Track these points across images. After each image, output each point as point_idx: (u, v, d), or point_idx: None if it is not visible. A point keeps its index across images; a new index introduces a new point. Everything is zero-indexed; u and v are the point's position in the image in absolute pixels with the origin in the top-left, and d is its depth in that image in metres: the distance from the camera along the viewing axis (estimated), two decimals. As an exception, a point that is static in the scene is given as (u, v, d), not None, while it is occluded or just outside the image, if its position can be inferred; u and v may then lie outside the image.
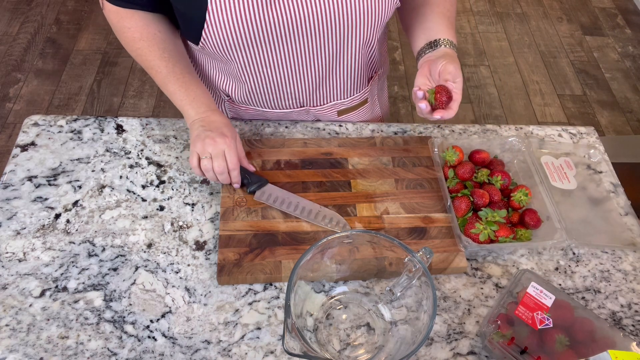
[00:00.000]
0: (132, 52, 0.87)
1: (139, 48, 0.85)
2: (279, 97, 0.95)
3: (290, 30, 0.79)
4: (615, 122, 2.32)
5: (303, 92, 0.94)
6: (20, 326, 0.73)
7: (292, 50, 0.83)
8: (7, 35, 2.43)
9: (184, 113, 0.87)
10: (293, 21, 0.78)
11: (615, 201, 0.95)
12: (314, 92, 0.94)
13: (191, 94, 0.85)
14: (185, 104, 0.85)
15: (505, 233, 0.82)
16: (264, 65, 0.86)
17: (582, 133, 1.06)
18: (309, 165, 0.92)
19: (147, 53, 0.85)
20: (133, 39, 0.85)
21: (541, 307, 0.73)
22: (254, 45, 0.81)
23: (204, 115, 0.85)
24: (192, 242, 0.83)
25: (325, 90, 0.95)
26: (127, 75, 2.32)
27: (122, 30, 0.85)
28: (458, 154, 0.91)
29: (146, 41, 0.84)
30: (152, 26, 0.85)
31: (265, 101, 0.96)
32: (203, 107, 0.85)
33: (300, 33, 0.80)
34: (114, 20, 0.85)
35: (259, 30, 0.78)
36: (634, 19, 2.81)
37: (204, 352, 0.72)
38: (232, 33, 0.77)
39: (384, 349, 0.73)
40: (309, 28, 0.79)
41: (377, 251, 0.78)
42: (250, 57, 0.83)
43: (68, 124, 0.97)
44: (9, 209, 0.85)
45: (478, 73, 2.47)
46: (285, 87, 0.91)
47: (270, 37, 0.80)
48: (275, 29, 0.78)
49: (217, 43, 0.79)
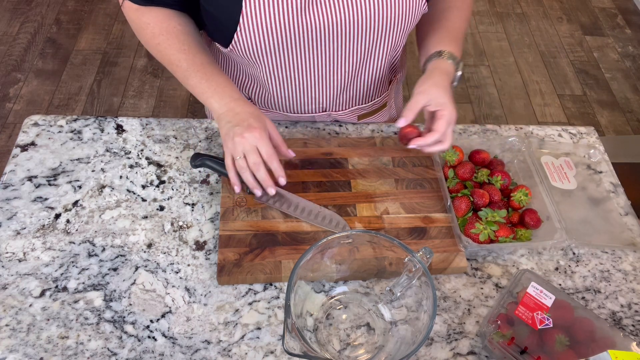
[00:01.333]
0: (152, 49, 0.85)
1: (158, 43, 0.83)
2: (302, 102, 0.94)
3: (321, 37, 0.79)
4: (615, 122, 2.32)
5: (327, 97, 0.93)
6: (20, 326, 0.73)
7: (321, 56, 0.83)
8: (7, 35, 2.43)
9: (210, 107, 0.83)
10: (324, 27, 0.78)
11: (615, 201, 0.95)
12: (338, 96, 0.94)
13: (213, 84, 0.82)
14: (209, 96, 0.82)
15: (505, 233, 0.82)
16: (291, 70, 0.85)
17: (582, 133, 1.06)
18: (309, 165, 0.92)
19: (167, 47, 0.83)
20: (152, 34, 0.83)
21: (541, 307, 0.73)
22: (283, 50, 0.80)
23: (229, 107, 0.81)
24: (192, 242, 0.83)
25: (349, 94, 0.95)
26: (127, 75, 2.32)
27: (141, 27, 0.84)
28: (458, 154, 0.91)
29: (165, 35, 0.82)
30: (172, 20, 0.83)
31: (287, 105, 0.96)
32: (226, 97, 0.81)
33: (330, 39, 0.80)
34: (134, 17, 0.84)
35: (290, 36, 0.77)
36: (634, 19, 2.81)
37: (204, 352, 0.72)
38: (263, 38, 0.77)
39: (384, 349, 0.73)
40: (340, 34, 0.79)
41: (377, 251, 0.78)
42: (278, 62, 0.83)
43: (68, 124, 0.97)
44: (9, 209, 0.85)
45: (478, 73, 2.47)
46: (310, 92, 0.91)
47: (300, 43, 0.79)
48: (306, 35, 0.78)
49: (247, 47, 0.78)
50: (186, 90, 2.26)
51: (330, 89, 0.91)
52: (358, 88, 0.94)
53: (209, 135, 0.98)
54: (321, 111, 0.98)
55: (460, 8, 0.92)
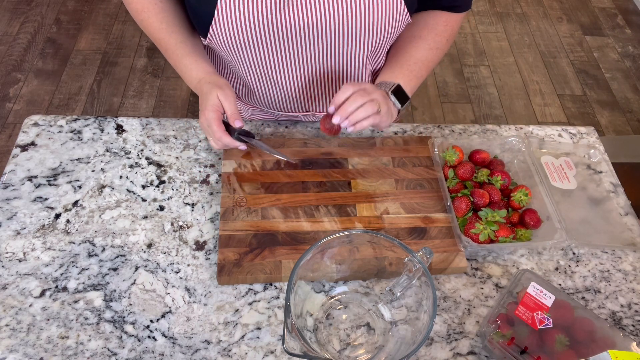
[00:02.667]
0: (139, 25, 0.88)
1: (142, 20, 0.86)
2: (284, 101, 0.95)
3: (298, 37, 0.79)
4: (615, 122, 2.32)
5: (308, 98, 0.93)
6: (20, 326, 0.73)
7: (298, 55, 0.83)
8: (7, 35, 2.43)
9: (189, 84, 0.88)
10: (300, 28, 0.78)
11: (615, 201, 0.95)
12: (319, 98, 0.94)
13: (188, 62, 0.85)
14: (184, 73, 0.86)
15: (505, 233, 0.82)
16: (269, 68, 0.85)
17: (582, 133, 1.06)
18: (309, 165, 0.92)
19: (149, 25, 0.86)
20: (136, 10, 0.86)
21: (541, 307, 0.73)
22: (259, 47, 0.81)
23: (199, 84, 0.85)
24: (192, 242, 0.83)
25: (331, 97, 0.95)
26: (127, 75, 2.32)
27: (129, 1, 0.86)
28: (458, 154, 0.91)
29: (146, 12, 0.85)
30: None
31: (271, 103, 0.96)
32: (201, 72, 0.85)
33: (307, 40, 0.80)
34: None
35: (265, 33, 0.78)
36: (634, 19, 2.81)
37: (204, 352, 0.72)
38: (238, 33, 0.77)
39: (384, 349, 0.73)
40: (316, 35, 0.79)
41: (377, 251, 0.78)
42: (257, 58, 0.83)
43: (68, 124, 0.97)
44: (9, 209, 0.85)
45: (478, 73, 2.47)
46: (290, 91, 0.91)
47: (277, 41, 0.79)
48: (283, 34, 0.78)
49: (222, 41, 0.79)
50: (186, 90, 2.27)
51: (309, 90, 0.91)
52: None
53: (209, 135, 0.98)
54: (304, 111, 0.98)
55: (425, 38, 0.89)
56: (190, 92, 2.28)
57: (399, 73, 0.88)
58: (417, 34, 0.89)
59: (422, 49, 0.89)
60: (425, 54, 0.89)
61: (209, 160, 0.94)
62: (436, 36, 0.89)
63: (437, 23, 0.89)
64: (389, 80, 0.87)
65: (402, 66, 0.88)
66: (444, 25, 0.89)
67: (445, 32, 0.90)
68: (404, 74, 0.88)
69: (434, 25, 0.89)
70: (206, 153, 0.95)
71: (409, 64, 0.88)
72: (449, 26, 0.90)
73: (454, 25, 0.90)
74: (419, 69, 0.89)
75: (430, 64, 0.90)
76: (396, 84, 0.86)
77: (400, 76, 0.87)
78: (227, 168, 0.90)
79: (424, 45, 0.89)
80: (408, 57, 0.89)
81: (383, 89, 0.85)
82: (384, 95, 0.83)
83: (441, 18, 0.89)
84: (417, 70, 0.89)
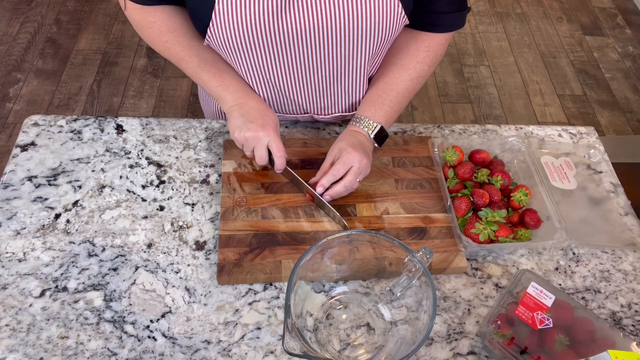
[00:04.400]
0: (159, 46, 0.87)
1: (166, 41, 0.85)
2: (282, 102, 0.95)
3: (295, 40, 0.79)
4: (615, 122, 2.32)
5: (305, 100, 0.93)
6: (20, 326, 0.73)
7: (296, 59, 0.83)
8: (7, 35, 2.43)
9: (220, 99, 0.88)
10: (299, 32, 0.78)
11: (615, 201, 0.95)
12: (317, 101, 0.94)
13: (226, 80, 0.86)
14: (221, 90, 0.86)
15: (505, 233, 0.82)
16: (267, 70, 0.85)
17: (582, 133, 1.06)
18: (309, 165, 0.92)
19: (175, 45, 0.85)
20: (159, 32, 0.85)
21: (541, 307, 0.73)
22: (256, 50, 0.80)
23: (242, 100, 0.86)
24: (192, 242, 0.83)
25: (329, 100, 0.94)
26: (127, 75, 2.32)
27: (147, 26, 0.85)
28: (458, 154, 0.91)
29: (172, 33, 0.84)
30: (177, 17, 0.85)
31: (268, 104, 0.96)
32: (240, 91, 0.86)
33: (305, 44, 0.80)
34: (138, 17, 0.85)
35: (262, 37, 0.78)
36: (634, 19, 2.81)
37: (204, 352, 0.72)
38: (236, 36, 0.77)
39: (384, 349, 0.73)
40: (314, 40, 0.79)
41: (377, 251, 0.78)
42: (252, 60, 0.83)
43: (68, 124, 0.97)
44: (9, 209, 0.85)
45: (478, 73, 2.47)
46: (287, 93, 0.91)
47: (274, 44, 0.79)
48: (281, 38, 0.78)
49: (221, 42, 0.79)
50: (186, 90, 2.27)
51: (307, 92, 0.91)
52: (337, 94, 0.93)
53: (209, 135, 0.98)
54: (302, 113, 0.98)
55: (406, 68, 0.88)
56: (190, 92, 2.28)
57: (380, 110, 0.88)
58: (399, 63, 0.89)
59: (404, 81, 0.89)
60: (407, 86, 0.89)
61: (209, 160, 0.94)
62: (417, 64, 0.89)
63: (419, 49, 0.88)
64: (370, 118, 0.88)
65: (383, 102, 0.89)
66: (426, 51, 0.88)
67: (427, 59, 0.89)
68: (385, 112, 0.89)
69: (415, 53, 0.88)
70: (206, 153, 0.95)
71: (390, 99, 0.89)
72: (431, 51, 0.89)
73: (437, 48, 0.89)
74: (399, 102, 0.90)
75: (412, 93, 0.91)
76: (379, 126, 0.87)
77: (381, 114, 0.88)
78: (227, 168, 0.90)
79: (406, 76, 0.89)
80: (389, 91, 0.89)
81: (365, 131, 0.87)
82: (364, 151, 0.85)
83: (422, 43, 0.88)
84: (398, 105, 0.90)
